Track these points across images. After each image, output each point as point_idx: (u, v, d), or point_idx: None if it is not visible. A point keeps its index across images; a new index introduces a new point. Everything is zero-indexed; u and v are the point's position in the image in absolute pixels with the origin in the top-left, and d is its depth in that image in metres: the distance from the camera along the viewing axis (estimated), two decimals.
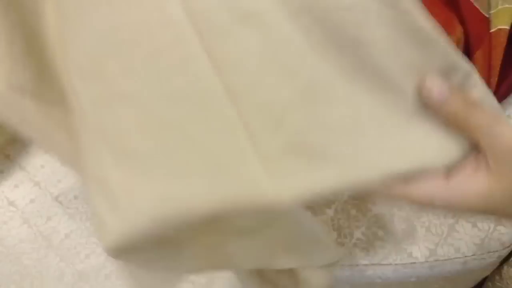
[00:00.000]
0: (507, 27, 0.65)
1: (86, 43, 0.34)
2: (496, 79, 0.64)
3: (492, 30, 0.66)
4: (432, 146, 0.33)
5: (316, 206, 0.66)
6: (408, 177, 0.33)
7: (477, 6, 0.69)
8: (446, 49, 0.35)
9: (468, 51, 0.69)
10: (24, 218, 0.68)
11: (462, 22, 0.69)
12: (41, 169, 0.75)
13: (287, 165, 0.33)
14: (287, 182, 0.33)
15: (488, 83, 0.65)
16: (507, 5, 0.66)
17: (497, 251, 0.61)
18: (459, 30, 0.69)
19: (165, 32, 0.32)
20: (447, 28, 0.69)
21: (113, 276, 0.62)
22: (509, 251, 0.63)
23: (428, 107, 0.33)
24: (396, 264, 0.61)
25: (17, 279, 0.63)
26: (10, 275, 0.63)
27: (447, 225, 0.62)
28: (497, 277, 0.70)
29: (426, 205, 0.33)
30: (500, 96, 0.67)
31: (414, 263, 0.61)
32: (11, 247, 0.66)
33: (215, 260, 0.41)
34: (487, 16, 0.68)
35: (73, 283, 0.61)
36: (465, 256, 0.61)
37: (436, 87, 0.33)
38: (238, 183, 0.33)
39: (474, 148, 0.32)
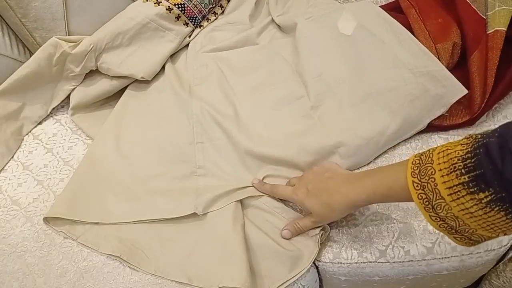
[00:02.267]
0: (504, 28, 0.65)
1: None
2: (493, 80, 0.65)
3: (489, 32, 0.66)
4: None
5: None
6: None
7: (475, 8, 0.70)
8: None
9: (465, 53, 0.69)
10: (27, 217, 0.69)
11: (459, 24, 0.70)
12: (43, 169, 0.75)
13: None
14: None
15: (485, 84, 0.65)
16: (504, 7, 0.67)
17: (494, 249, 0.62)
18: (456, 33, 0.69)
19: None
20: (445, 32, 0.69)
21: (115, 273, 0.62)
22: (506, 250, 0.63)
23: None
24: (393, 262, 0.61)
25: (20, 277, 0.63)
26: (13, 273, 0.64)
27: None
28: (494, 275, 0.71)
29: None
30: (496, 96, 0.67)
31: (412, 261, 0.61)
32: (14, 245, 0.66)
33: None
34: (484, 17, 0.68)
35: (75, 280, 0.62)
36: (462, 255, 0.61)
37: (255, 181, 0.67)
38: None
39: None
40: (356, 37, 0.73)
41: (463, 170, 0.39)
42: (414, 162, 0.45)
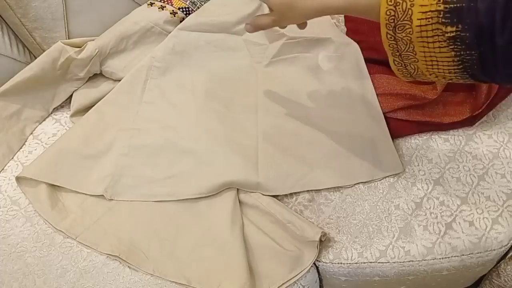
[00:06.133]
0: None
1: None
2: None
3: None
4: None
5: (315, 206, 0.66)
6: None
7: None
8: None
9: None
10: (27, 217, 0.69)
11: None
12: None
13: None
14: None
15: (490, 85, 0.65)
16: None
17: (494, 249, 0.61)
18: None
19: None
20: None
21: (115, 273, 0.62)
22: (507, 250, 0.63)
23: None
24: (394, 262, 0.61)
25: (20, 277, 0.63)
26: (13, 273, 0.63)
27: (445, 223, 0.62)
28: (494, 274, 0.71)
29: None
30: (498, 98, 0.67)
31: (412, 261, 0.61)
32: (14, 246, 0.66)
33: None
34: None
35: (75, 280, 0.62)
36: (462, 255, 0.61)
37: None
38: None
39: None
40: (327, 77, 0.75)
41: None
42: None
